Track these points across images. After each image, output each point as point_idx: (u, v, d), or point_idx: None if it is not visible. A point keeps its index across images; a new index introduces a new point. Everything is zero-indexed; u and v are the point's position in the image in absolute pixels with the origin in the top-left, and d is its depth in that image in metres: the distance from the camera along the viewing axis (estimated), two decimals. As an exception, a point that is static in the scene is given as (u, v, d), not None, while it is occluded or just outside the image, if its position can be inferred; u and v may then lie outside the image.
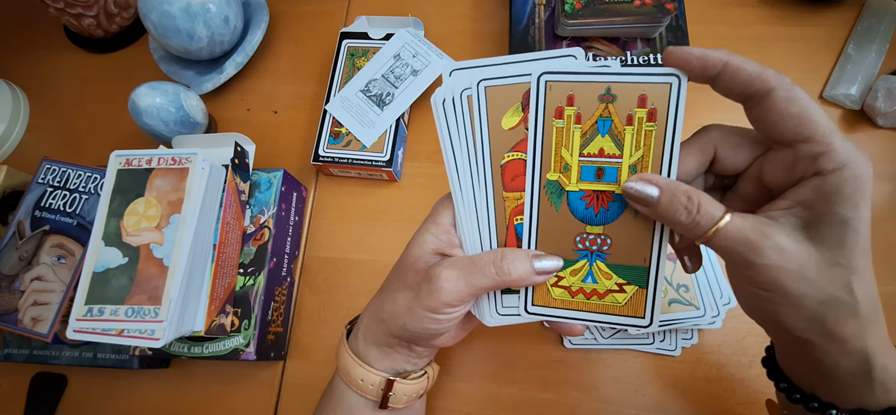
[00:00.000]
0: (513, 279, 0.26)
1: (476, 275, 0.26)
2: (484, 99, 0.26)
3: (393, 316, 0.29)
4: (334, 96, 0.50)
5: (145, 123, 0.48)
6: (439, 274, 0.27)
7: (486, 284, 0.26)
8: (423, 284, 0.27)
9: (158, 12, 0.49)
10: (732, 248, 0.22)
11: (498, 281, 0.26)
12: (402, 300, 0.29)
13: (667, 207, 0.23)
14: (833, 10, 0.49)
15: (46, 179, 0.47)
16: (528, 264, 0.26)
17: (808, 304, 0.22)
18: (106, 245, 0.38)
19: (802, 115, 0.21)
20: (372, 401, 0.32)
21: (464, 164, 0.27)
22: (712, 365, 0.39)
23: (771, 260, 0.21)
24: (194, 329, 0.39)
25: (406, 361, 0.32)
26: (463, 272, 0.27)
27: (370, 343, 0.32)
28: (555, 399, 0.40)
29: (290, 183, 0.48)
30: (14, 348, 0.46)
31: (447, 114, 0.27)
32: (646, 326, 0.27)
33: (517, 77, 0.26)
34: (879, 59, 0.45)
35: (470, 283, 0.26)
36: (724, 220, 0.22)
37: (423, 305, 0.27)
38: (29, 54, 0.66)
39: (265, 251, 0.43)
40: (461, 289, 0.26)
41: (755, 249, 0.21)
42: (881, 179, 0.43)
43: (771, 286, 0.22)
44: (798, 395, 0.26)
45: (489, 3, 0.56)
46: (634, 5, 0.43)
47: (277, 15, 0.61)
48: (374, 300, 0.33)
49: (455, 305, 0.27)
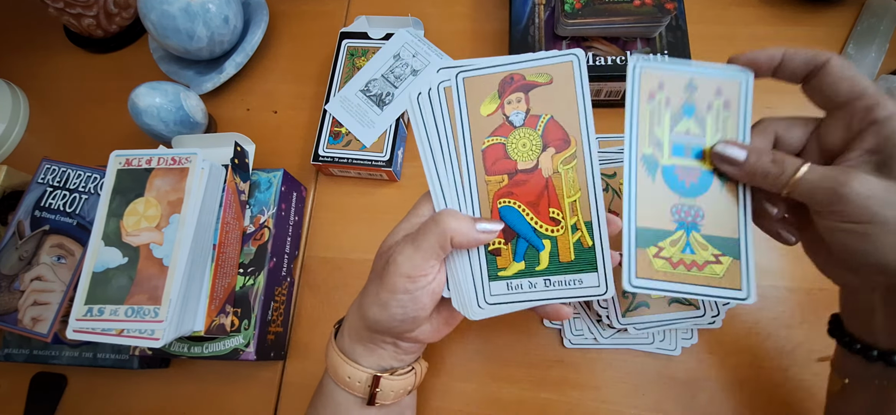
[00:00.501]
0: (454, 231, 0.27)
1: (420, 237, 0.27)
2: (462, 89, 0.28)
3: (366, 307, 0.30)
4: (334, 96, 0.50)
5: (145, 123, 0.48)
6: (393, 250, 0.28)
7: (432, 243, 0.27)
8: (384, 267, 0.29)
9: (158, 12, 0.49)
10: (819, 188, 0.24)
11: (440, 236, 0.27)
12: (371, 291, 0.30)
13: (754, 164, 0.26)
14: (833, 10, 0.49)
15: (46, 179, 0.47)
16: (469, 223, 0.27)
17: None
18: (106, 245, 0.38)
19: (854, 76, 0.25)
20: (359, 398, 0.32)
21: (439, 154, 0.29)
22: (712, 365, 0.39)
23: (858, 191, 0.23)
24: (194, 329, 0.39)
25: (393, 357, 0.32)
26: (410, 239, 0.28)
27: (355, 341, 0.32)
28: (555, 399, 0.40)
29: (290, 183, 0.48)
30: (14, 348, 0.46)
31: (422, 108, 0.29)
32: (744, 298, 0.28)
33: (493, 67, 0.28)
34: (879, 59, 0.45)
35: (417, 246, 0.27)
36: (805, 166, 0.25)
37: (385, 287, 0.28)
38: (29, 54, 0.66)
39: (265, 251, 0.43)
40: (411, 256, 0.27)
41: (841, 183, 0.24)
42: (881, 179, 0.43)
43: (863, 217, 0.23)
44: (875, 351, 0.27)
45: (489, 3, 0.56)
46: (634, 5, 0.43)
47: (277, 15, 0.61)
48: (357, 298, 0.33)
49: (412, 277, 0.27)
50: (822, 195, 0.24)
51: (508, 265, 0.28)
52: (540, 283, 0.28)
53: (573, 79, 0.27)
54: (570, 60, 0.27)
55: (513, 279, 0.28)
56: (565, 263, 0.28)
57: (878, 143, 0.24)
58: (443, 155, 0.29)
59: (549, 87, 0.28)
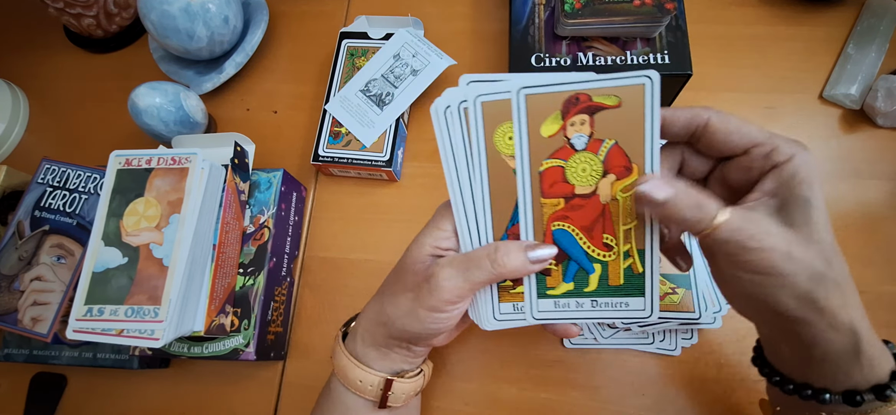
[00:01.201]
0: (509, 271, 0.27)
1: (472, 270, 0.27)
2: (523, 107, 0.26)
3: (394, 319, 0.30)
4: (334, 96, 0.50)
5: (145, 122, 0.48)
6: (437, 273, 0.28)
7: (484, 279, 0.27)
8: (423, 285, 0.28)
9: (158, 12, 0.49)
10: (731, 238, 0.24)
11: (494, 274, 0.27)
12: (403, 303, 0.30)
13: (676, 205, 0.24)
14: (833, 9, 0.49)
15: (46, 179, 0.47)
16: (522, 255, 0.27)
17: (798, 282, 0.23)
18: (106, 245, 0.38)
19: (742, 127, 0.25)
20: (371, 401, 0.32)
21: (464, 170, 0.28)
22: (712, 365, 0.39)
23: (763, 244, 0.23)
24: (194, 329, 0.39)
25: (404, 360, 0.32)
26: (460, 269, 0.27)
27: (368, 345, 0.32)
28: (555, 399, 0.40)
29: (290, 183, 0.48)
30: (14, 348, 0.46)
31: (449, 122, 0.28)
32: (697, 318, 0.36)
33: (558, 85, 0.26)
34: (879, 59, 0.45)
35: (467, 278, 0.27)
36: (725, 214, 0.23)
37: (424, 306, 0.28)
38: (29, 54, 0.66)
39: (265, 251, 0.43)
40: (460, 286, 0.27)
41: (751, 236, 0.23)
42: (881, 179, 0.43)
43: (765, 270, 0.23)
44: (791, 385, 0.27)
45: (489, 3, 0.56)
46: (634, 5, 0.43)
47: (277, 15, 0.61)
48: (373, 303, 0.33)
49: (455, 303, 0.28)
50: (734, 246, 0.24)
51: (557, 285, 0.28)
52: (587, 303, 0.28)
53: (643, 103, 0.25)
54: (643, 83, 0.25)
55: (560, 299, 0.28)
56: (614, 287, 0.28)
57: (777, 186, 0.24)
58: (469, 171, 0.28)
59: (617, 111, 0.26)
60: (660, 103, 0.25)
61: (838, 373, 0.25)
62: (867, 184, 0.43)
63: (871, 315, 0.29)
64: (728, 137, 0.25)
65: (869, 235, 0.41)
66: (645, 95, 0.25)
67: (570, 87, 0.26)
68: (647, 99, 0.25)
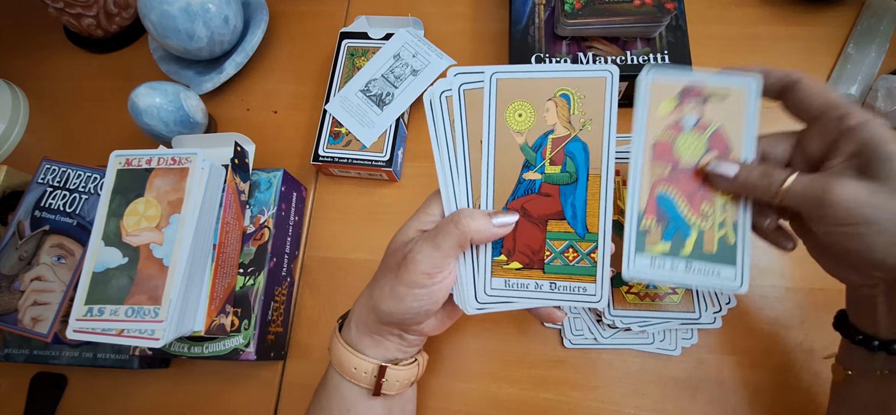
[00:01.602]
0: (472, 231, 0.28)
1: (439, 237, 0.29)
2: (649, 91, 0.30)
3: (379, 301, 0.31)
4: (334, 96, 0.50)
5: (145, 122, 0.48)
6: (412, 248, 0.30)
7: (452, 243, 0.28)
8: (401, 263, 0.30)
9: (158, 12, 0.49)
10: (805, 197, 0.26)
11: (459, 235, 0.28)
12: (385, 284, 0.31)
13: (745, 177, 0.28)
14: (833, 9, 0.49)
15: (46, 179, 0.47)
16: (486, 219, 0.29)
17: (889, 227, 0.25)
18: (106, 245, 0.38)
19: (824, 90, 0.27)
20: (365, 389, 0.33)
21: (447, 154, 0.31)
22: (712, 365, 0.39)
23: (841, 196, 0.25)
24: (194, 329, 0.39)
25: (397, 349, 0.33)
26: (429, 238, 0.29)
27: (363, 333, 0.33)
28: (555, 399, 0.40)
29: (290, 183, 0.48)
30: (14, 348, 0.46)
31: (433, 110, 0.31)
32: (697, 318, 0.38)
33: (679, 79, 0.30)
34: (879, 59, 0.45)
35: (437, 245, 0.29)
36: (792, 176, 0.26)
37: (403, 283, 0.29)
38: (29, 54, 0.66)
39: (265, 251, 0.43)
40: (431, 254, 0.29)
41: (826, 190, 0.25)
42: (881, 179, 0.43)
43: (849, 218, 0.25)
44: (877, 342, 0.28)
45: (489, 3, 0.56)
46: (634, 5, 0.43)
47: (277, 15, 0.61)
48: (365, 291, 0.34)
49: (431, 275, 0.29)
50: (810, 203, 0.26)
51: (656, 243, 0.30)
52: (681, 266, 0.30)
53: (744, 101, 0.29)
54: (744, 87, 0.29)
55: (657, 258, 0.30)
56: (707, 254, 0.30)
57: (856, 148, 0.26)
58: (463, 153, 0.31)
59: (724, 102, 0.30)
60: (759, 101, 0.29)
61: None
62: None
63: (872, 315, 0.28)
64: (810, 96, 0.27)
65: (869, 235, 0.41)
66: (746, 96, 0.29)
67: (690, 80, 0.30)
68: (749, 99, 0.29)
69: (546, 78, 0.30)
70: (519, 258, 0.31)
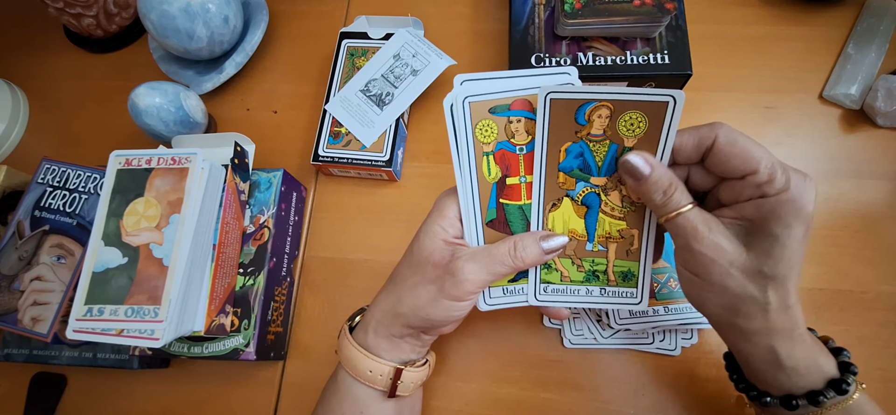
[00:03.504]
0: (527, 263, 0.30)
1: (495, 264, 0.30)
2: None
3: (415, 309, 0.31)
4: (334, 96, 0.50)
5: (145, 122, 0.48)
6: (462, 267, 0.30)
7: (504, 271, 0.30)
8: (447, 278, 0.30)
9: (158, 12, 0.49)
10: (682, 231, 0.27)
11: (514, 267, 0.30)
12: (424, 294, 0.31)
13: (654, 183, 0.27)
14: (833, 9, 0.49)
15: (46, 179, 0.47)
16: (537, 247, 0.30)
17: (727, 295, 0.26)
18: (106, 245, 0.38)
19: (746, 151, 0.25)
20: (380, 391, 0.33)
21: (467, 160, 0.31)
22: (712, 365, 0.39)
23: (707, 251, 0.26)
24: (194, 329, 0.39)
25: (412, 350, 0.34)
26: (483, 264, 0.30)
27: (381, 336, 0.33)
28: (555, 399, 0.40)
29: (290, 183, 0.48)
30: (14, 348, 0.46)
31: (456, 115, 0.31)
32: (697, 318, 0.38)
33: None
34: (879, 59, 0.45)
35: (490, 271, 0.30)
36: (686, 207, 0.27)
37: (448, 296, 0.30)
38: (29, 54, 0.66)
39: (265, 251, 0.43)
40: (483, 278, 0.30)
41: (698, 237, 0.26)
42: (881, 179, 0.43)
43: (701, 273, 0.27)
44: (742, 384, 0.31)
45: (489, 3, 0.56)
46: (634, 5, 0.43)
47: (277, 15, 0.61)
48: (387, 296, 0.34)
49: (476, 293, 0.31)
50: (682, 241, 0.27)
51: None
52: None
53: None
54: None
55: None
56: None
57: (754, 215, 0.26)
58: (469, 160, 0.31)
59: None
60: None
61: (768, 378, 0.28)
62: (867, 184, 0.43)
63: (872, 315, 0.29)
64: (729, 159, 0.26)
65: (869, 235, 0.41)
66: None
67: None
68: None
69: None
70: None
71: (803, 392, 0.27)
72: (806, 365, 0.27)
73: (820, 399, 0.27)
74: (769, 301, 0.26)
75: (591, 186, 0.31)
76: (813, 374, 0.27)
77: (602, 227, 0.31)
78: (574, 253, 0.32)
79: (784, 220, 0.25)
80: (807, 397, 0.27)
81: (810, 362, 0.27)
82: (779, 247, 0.25)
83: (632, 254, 0.32)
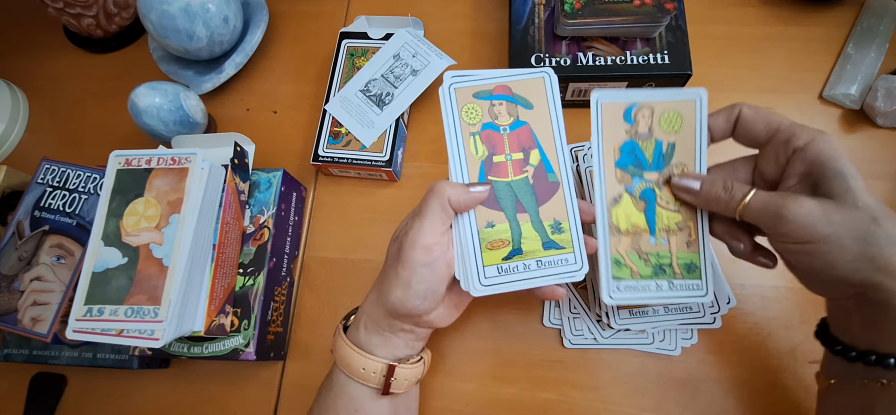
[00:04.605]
0: (450, 194, 0.30)
1: (423, 208, 0.31)
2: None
3: (388, 293, 0.32)
4: (334, 96, 0.50)
5: (145, 122, 0.48)
6: (403, 229, 0.32)
7: (435, 210, 0.30)
8: (399, 248, 0.31)
9: (158, 12, 0.49)
10: (764, 212, 0.27)
11: (440, 201, 0.30)
12: (390, 274, 0.32)
13: (708, 191, 0.30)
14: (833, 9, 0.49)
15: (46, 179, 0.47)
16: (462, 187, 0.31)
17: (847, 243, 0.25)
18: (105, 245, 0.38)
19: (765, 115, 0.29)
20: (374, 389, 0.33)
21: None
22: (712, 365, 0.39)
23: (796, 213, 0.26)
24: (194, 329, 0.39)
25: (405, 346, 0.34)
26: (415, 213, 0.32)
27: (372, 331, 0.33)
28: (555, 399, 0.40)
29: (290, 183, 0.48)
30: (14, 348, 0.46)
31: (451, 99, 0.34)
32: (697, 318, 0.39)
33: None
34: (879, 59, 0.45)
35: (422, 216, 0.30)
36: (751, 192, 0.28)
37: (404, 264, 0.30)
38: (28, 54, 0.66)
39: (265, 251, 0.43)
40: (421, 228, 0.30)
41: (782, 206, 0.26)
42: (881, 179, 0.43)
43: (806, 236, 0.26)
44: (854, 352, 0.28)
45: (489, 3, 0.56)
46: (634, 5, 0.43)
47: (277, 15, 0.61)
48: (372, 290, 0.35)
49: (428, 246, 0.30)
50: (769, 218, 0.27)
51: None
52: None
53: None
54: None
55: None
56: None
57: (807, 167, 0.27)
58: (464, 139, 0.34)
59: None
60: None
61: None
62: (867, 184, 0.42)
63: (871, 315, 0.28)
64: (754, 124, 0.29)
65: (869, 235, 0.41)
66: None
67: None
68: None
69: None
70: None
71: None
72: None
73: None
74: (884, 226, 0.25)
75: (645, 181, 0.33)
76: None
77: (660, 220, 0.33)
78: (640, 247, 0.33)
79: (834, 154, 0.26)
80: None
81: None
82: (852, 179, 0.26)
83: (691, 245, 0.33)
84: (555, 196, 0.33)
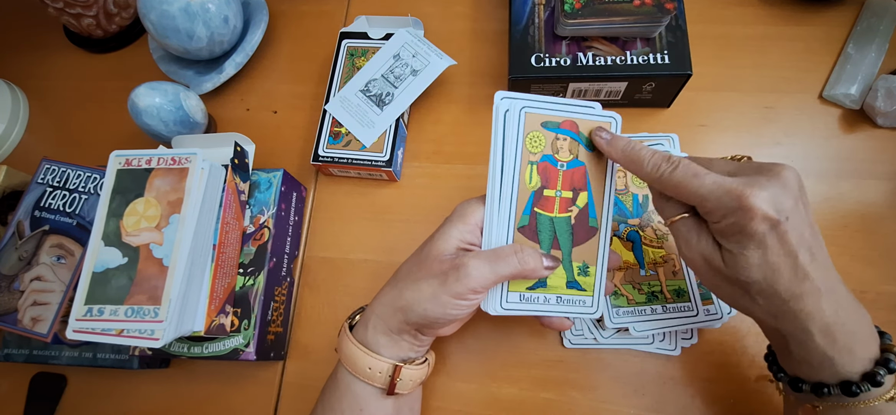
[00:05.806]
0: (527, 267, 0.30)
1: (500, 264, 0.30)
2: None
3: (414, 303, 0.31)
4: (334, 96, 0.50)
5: (145, 122, 0.48)
6: (467, 263, 0.30)
7: (508, 273, 0.30)
8: (451, 273, 0.30)
9: (158, 12, 0.49)
10: (677, 238, 0.30)
11: (518, 270, 0.30)
12: (426, 288, 0.31)
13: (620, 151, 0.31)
14: (833, 9, 0.49)
15: (46, 179, 0.47)
16: (539, 260, 0.31)
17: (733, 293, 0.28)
18: (106, 245, 0.38)
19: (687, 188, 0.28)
20: (379, 388, 0.33)
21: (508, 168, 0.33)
22: (712, 365, 0.39)
23: (691, 256, 0.29)
24: (194, 329, 0.39)
25: (411, 348, 0.34)
26: (488, 261, 0.30)
27: (380, 332, 0.33)
28: (555, 399, 0.40)
29: (290, 183, 0.48)
30: (14, 348, 0.46)
31: (508, 122, 0.32)
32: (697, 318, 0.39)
33: None
34: (879, 59, 0.45)
35: (494, 271, 0.30)
36: (679, 217, 0.29)
37: (449, 292, 0.30)
38: (29, 54, 0.66)
39: (265, 251, 0.43)
40: (486, 276, 0.30)
41: (684, 245, 0.30)
42: (881, 179, 0.43)
43: (700, 276, 0.30)
44: (782, 374, 0.30)
45: (489, 3, 0.56)
46: (634, 5, 0.43)
47: (277, 15, 0.61)
48: (389, 291, 0.34)
49: (479, 292, 0.30)
50: (679, 246, 0.30)
51: None
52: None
53: None
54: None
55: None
56: None
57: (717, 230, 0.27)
58: (513, 168, 0.32)
59: None
60: None
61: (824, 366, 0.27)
62: (867, 184, 0.43)
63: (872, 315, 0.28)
64: (676, 192, 0.29)
65: (869, 235, 0.41)
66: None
67: None
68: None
69: None
70: None
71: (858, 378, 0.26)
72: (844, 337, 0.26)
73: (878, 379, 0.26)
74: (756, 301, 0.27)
75: (629, 225, 0.40)
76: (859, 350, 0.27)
77: (647, 255, 0.40)
78: (633, 279, 0.39)
79: (735, 239, 0.26)
80: (867, 379, 0.26)
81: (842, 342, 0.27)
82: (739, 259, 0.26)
83: (677, 274, 0.39)
84: (590, 241, 0.33)
